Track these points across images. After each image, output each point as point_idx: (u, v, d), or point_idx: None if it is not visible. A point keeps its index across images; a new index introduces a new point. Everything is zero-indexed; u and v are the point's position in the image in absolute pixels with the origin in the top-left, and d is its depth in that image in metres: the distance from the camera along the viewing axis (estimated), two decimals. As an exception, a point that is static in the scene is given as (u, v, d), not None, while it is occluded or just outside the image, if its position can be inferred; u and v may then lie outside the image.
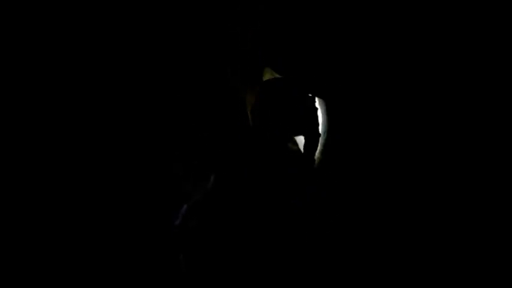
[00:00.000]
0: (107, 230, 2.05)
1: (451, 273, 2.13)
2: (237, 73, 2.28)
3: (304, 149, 2.45)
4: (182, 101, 2.20)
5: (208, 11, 2.21)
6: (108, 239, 2.04)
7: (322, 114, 2.60)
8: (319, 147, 2.53)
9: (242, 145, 2.27)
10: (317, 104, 2.48)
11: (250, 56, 2.29)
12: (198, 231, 2.11)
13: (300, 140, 2.53)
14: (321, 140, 2.50)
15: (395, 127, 2.32)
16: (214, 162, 2.20)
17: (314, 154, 2.44)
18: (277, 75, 2.37)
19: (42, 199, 2.00)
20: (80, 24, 2.07)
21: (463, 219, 2.18)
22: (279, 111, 2.39)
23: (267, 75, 2.32)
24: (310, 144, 2.43)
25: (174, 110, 2.19)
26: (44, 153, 2.02)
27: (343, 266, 2.20)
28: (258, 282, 2.08)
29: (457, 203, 2.19)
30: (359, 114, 2.40)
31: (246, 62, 2.29)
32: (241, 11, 2.25)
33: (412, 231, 2.23)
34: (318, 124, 2.45)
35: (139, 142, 2.14)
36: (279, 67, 2.39)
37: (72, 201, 2.03)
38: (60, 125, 2.05)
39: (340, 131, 2.51)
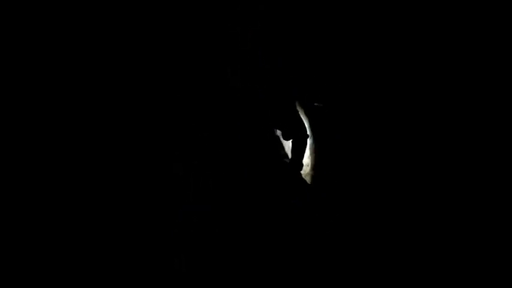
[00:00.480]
0: (107, 230, 2.05)
1: (450, 273, 2.14)
2: (237, 73, 2.28)
3: (292, 152, 2.47)
4: (182, 101, 2.20)
5: (208, 11, 2.21)
6: (108, 238, 2.04)
7: (308, 116, 2.63)
8: (307, 150, 2.56)
9: (242, 145, 2.27)
10: (298, 107, 2.52)
11: (250, 56, 2.30)
12: (199, 231, 2.11)
13: (287, 143, 2.56)
14: (308, 141, 2.53)
15: (395, 128, 2.33)
16: (214, 162, 2.20)
17: (302, 156, 2.47)
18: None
19: (42, 199, 1.99)
20: (80, 24, 2.07)
21: (462, 219, 2.18)
22: (278, 112, 2.40)
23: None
24: (298, 146, 2.46)
25: (174, 110, 2.18)
26: (44, 153, 2.01)
27: (343, 265, 2.20)
28: (258, 282, 2.09)
29: (456, 204, 2.20)
30: (359, 115, 2.40)
31: (246, 62, 2.29)
32: (241, 11, 2.25)
33: (412, 231, 2.23)
34: (303, 127, 2.47)
35: (139, 142, 2.14)
36: (279, 67, 2.39)
37: (72, 201, 2.03)
38: (60, 125, 2.04)
39: (339, 132, 2.51)
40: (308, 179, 2.57)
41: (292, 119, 2.45)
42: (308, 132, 2.51)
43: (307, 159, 2.64)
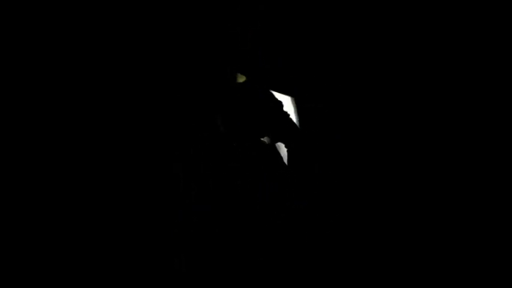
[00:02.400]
0: (107, 230, 2.05)
1: (451, 274, 2.13)
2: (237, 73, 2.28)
3: (288, 159, 2.39)
4: (182, 101, 2.20)
5: (208, 11, 2.21)
6: (108, 239, 2.04)
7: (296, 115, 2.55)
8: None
9: (242, 145, 2.27)
10: (286, 108, 2.44)
11: (250, 56, 2.30)
12: (198, 231, 2.11)
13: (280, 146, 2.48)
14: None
15: (396, 128, 2.33)
16: (214, 162, 2.20)
17: (301, 162, 2.40)
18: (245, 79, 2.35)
19: (42, 199, 1.99)
20: (80, 24, 2.07)
21: (463, 221, 2.18)
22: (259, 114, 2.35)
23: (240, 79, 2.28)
24: (294, 153, 2.39)
25: (175, 110, 2.18)
26: (43, 153, 2.02)
27: (343, 265, 2.20)
28: (258, 283, 2.09)
29: (457, 205, 2.20)
30: (360, 114, 2.40)
31: (246, 62, 2.29)
32: (241, 11, 2.25)
33: (412, 231, 2.23)
34: (294, 127, 2.39)
35: (139, 142, 2.14)
36: (279, 67, 2.39)
37: (72, 201, 2.03)
38: (60, 125, 2.05)
39: (340, 131, 2.51)
40: (311, 182, 2.50)
41: (283, 124, 2.37)
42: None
43: (307, 164, 2.57)
